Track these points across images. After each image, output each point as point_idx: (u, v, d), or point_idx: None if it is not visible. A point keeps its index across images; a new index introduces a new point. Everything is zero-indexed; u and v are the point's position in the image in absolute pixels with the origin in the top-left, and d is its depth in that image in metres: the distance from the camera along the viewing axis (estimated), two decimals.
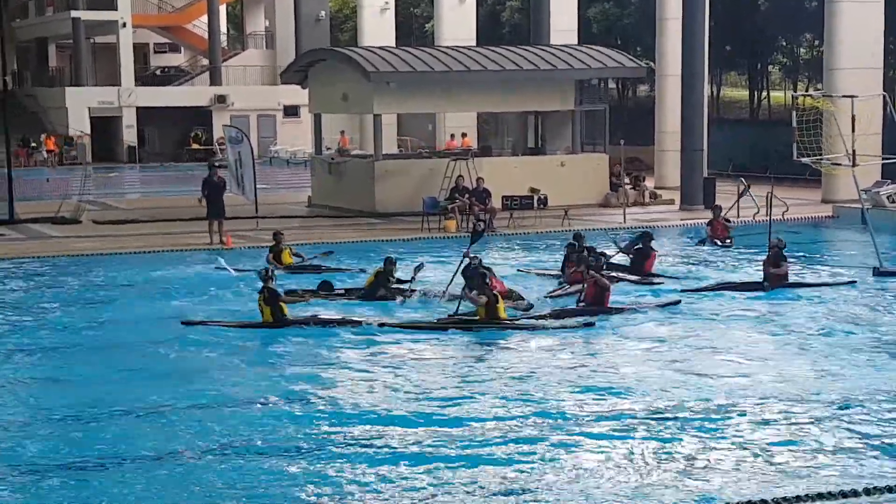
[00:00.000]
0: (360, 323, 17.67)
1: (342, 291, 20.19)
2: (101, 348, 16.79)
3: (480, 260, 19.44)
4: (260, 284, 17.88)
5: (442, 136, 44.43)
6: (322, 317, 17.91)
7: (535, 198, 29.89)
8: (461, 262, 19.18)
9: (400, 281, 20.06)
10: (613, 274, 20.41)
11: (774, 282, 20.39)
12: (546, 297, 19.69)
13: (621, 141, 31.02)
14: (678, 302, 19.12)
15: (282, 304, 17.62)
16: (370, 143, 37.00)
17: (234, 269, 22.10)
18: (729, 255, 24.44)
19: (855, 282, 20.97)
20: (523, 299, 19.13)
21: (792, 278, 20.90)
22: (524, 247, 26.26)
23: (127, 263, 24.29)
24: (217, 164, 30.68)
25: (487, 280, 17.74)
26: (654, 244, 22.08)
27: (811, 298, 19.70)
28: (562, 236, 26.27)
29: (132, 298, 20.47)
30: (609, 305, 18.47)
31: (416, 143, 48.79)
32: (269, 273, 17.91)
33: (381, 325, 17.66)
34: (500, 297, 17.72)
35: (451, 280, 19.08)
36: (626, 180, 33.73)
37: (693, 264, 23.54)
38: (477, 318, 17.41)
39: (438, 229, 28.51)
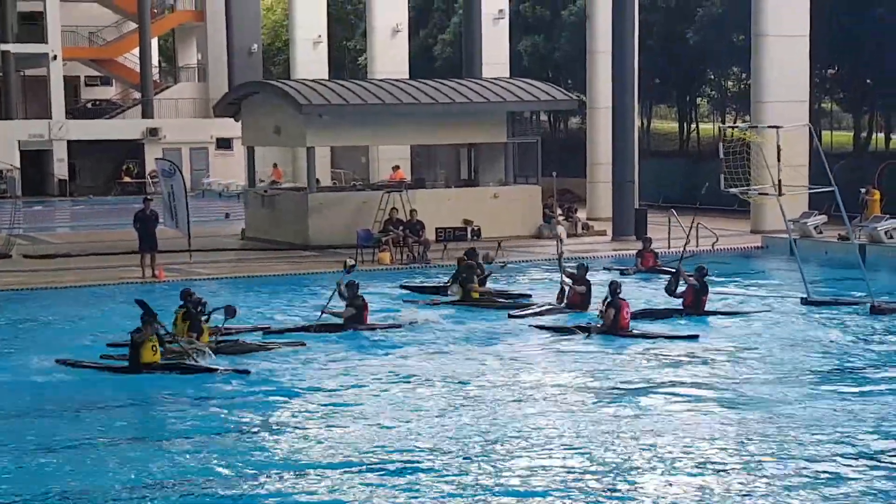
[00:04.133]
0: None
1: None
2: None
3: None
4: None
5: (376, 169, 44.49)
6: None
7: (469, 229, 30.07)
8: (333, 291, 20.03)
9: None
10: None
11: (695, 309, 20.77)
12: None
13: (553, 173, 31.36)
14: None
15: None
16: (303, 175, 36.96)
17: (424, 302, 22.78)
18: (651, 284, 24.74)
19: (770, 310, 21.31)
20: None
21: (710, 307, 21.23)
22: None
23: (57, 298, 23.99)
24: (149, 196, 30.50)
25: None
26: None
27: (738, 327, 19.95)
28: (495, 268, 26.35)
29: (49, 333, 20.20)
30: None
31: (350, 176, 48.78)
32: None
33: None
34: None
35: None
36: (559, 212, 34.02)
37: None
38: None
39: (372, 261, 28.53)
